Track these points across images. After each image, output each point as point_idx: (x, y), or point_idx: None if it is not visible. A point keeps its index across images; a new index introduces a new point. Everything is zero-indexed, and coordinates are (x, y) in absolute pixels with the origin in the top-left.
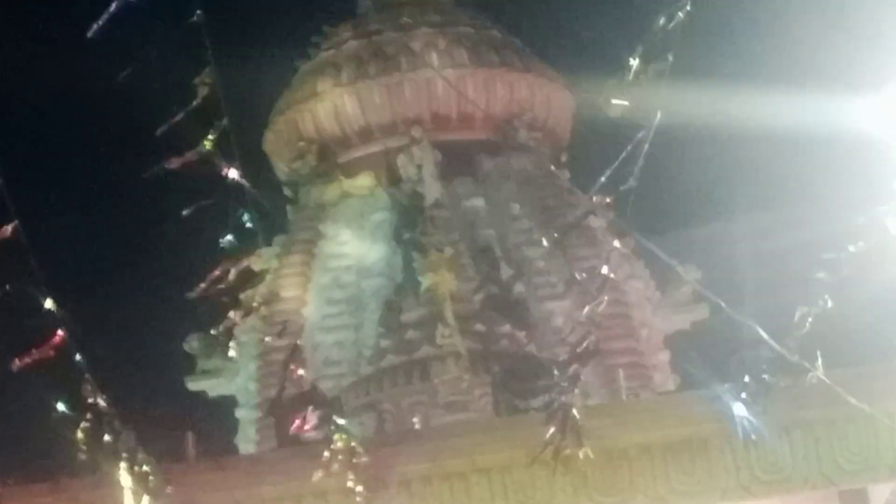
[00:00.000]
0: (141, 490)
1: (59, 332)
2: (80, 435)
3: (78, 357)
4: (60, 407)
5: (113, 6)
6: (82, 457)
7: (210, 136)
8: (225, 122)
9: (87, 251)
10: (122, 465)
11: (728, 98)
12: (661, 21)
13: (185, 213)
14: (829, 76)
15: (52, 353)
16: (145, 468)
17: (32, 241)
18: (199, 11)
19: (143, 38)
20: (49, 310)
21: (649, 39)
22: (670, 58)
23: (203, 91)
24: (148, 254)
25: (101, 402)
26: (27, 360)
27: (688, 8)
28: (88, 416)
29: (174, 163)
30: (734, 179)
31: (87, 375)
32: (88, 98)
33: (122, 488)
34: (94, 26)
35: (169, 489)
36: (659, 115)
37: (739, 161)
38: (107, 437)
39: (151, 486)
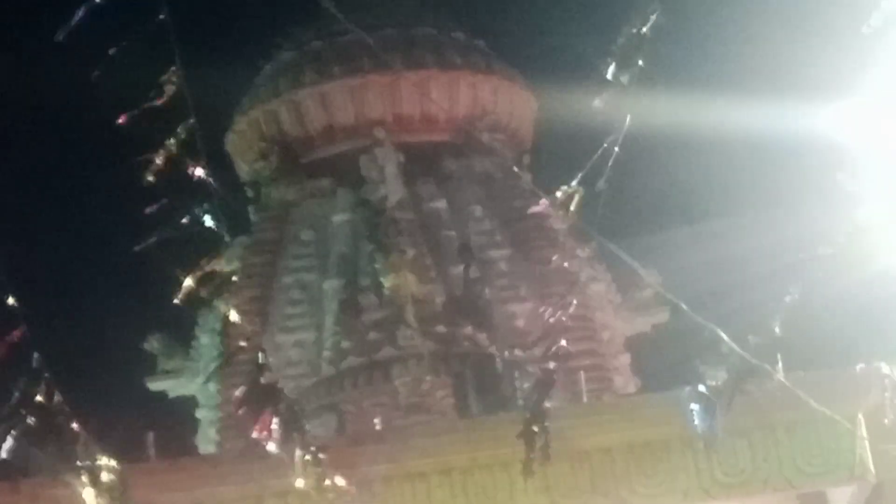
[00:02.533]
0: (100, 490)
1: (17, 331)
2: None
3: (36, 355)
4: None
5: (82, 10)
6: (40, 457)
7: (176, 137)
8: (192, 121)
9: (47, 248)
10: (81, 465)
11: (692, 103)
12: (631, 28)
13: (148, 210)
14: (792, 82)
15: (6, 350)
16: (104, 468)
17: None
18: (164, 11)
19: (109, 37)
20: (8, 306)
21: (618, 45)
22: (640, 63)
23: (169, 90)
24: (109, 252)
25: (59, 401)
26: None
27: (653, 18)
28: (46, 415)
29: (144, 165)
30: (697, 184)
31: (45, 374)
32: (50, 95)
33: (81, 488)
34: (63, 29)
35: (128, 489)
36: (629, 121)
37: (702, 166)
38: (65, 437)
39: (111, 487)
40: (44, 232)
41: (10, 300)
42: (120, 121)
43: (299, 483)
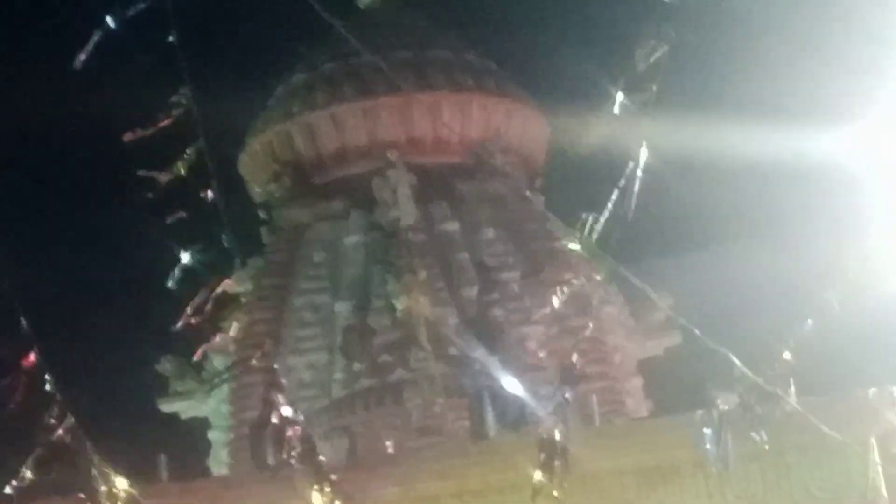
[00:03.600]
0: None
1: (30, 353)
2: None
3: (48, 377)
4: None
5: (95, 37)
6: (53, 479)
7: (185, 158)
8: (201, 142)
9: (59, 272)
10: (95, 487)
11: (706, 129)
12: (643, 54)
13: (170, 219)
14: (805, 108)
15: (23, 375)
16: (117, 490)
17: (4, 262)
18: (173, 34)
19: (120, 59)
20: (21, 330)
21: (630, 71)
22: (654, 88)
23: (180, 112)
24: (121, 276)
25: (72, 423)
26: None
27: (666, 47)
28: (59, 437)
29: (153, 184)
30: (710, 208)
31: (58, 396)
32: (64, 119)
33: None
34: (79, 57)
35: None
36: (645, 151)
37: (715, 191)
38: (79, 459)
39: None
40: (56, 255)
41: (23, 323)
42: (126, 138)
43: None
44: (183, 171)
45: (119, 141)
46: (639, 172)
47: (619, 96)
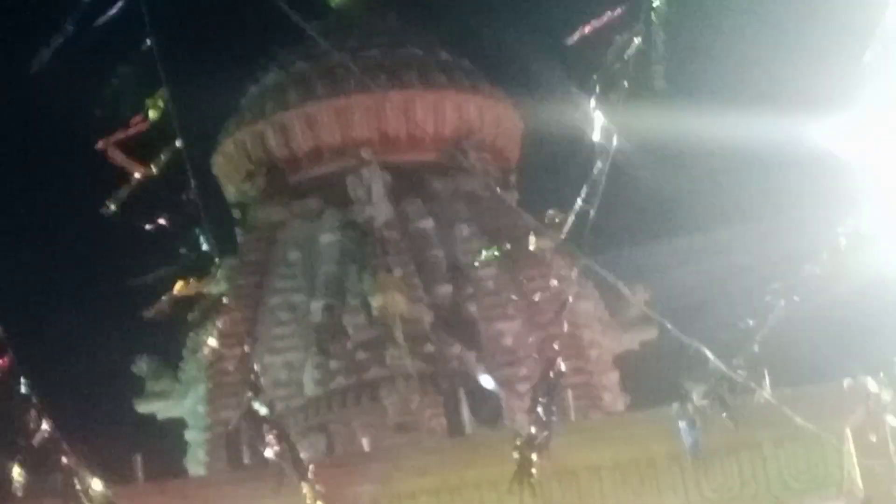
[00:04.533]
0: None
1: (5, 357)
2: (20, 463)
3: (24, 380)
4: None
5: (59, 39)
6: (29, 481)
7: (162, 159)
8: (178, 143)
9: (33, 274)
10: (70, 488)
11: (682, 117)
12: (615, 49)
13: (149, 227)
14: (784, 95)
15: None
16: (93, 491)
17: None
18: (148, 37)
19: (96, 61)
20: None
21: (603, 65)
22: (626, 84)
23: (156, 113)
24: (96, 276)
25: (48, 425)
26: None
27: (636, 41)
28: (35, 439)
29: (129, 186)
30: (688, 197)
31: (33, 399)
32: (39, 118)
33: None
34: (42, 58)
35: None
36: (616, 141)
37: (692, 180)
38: (54, 461)
39: None
40: (29, 256)
41: None
42: (99, 145)
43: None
44: (156, 171)
45: (94, 142)
46: (599, 165)
47: (596, 89)
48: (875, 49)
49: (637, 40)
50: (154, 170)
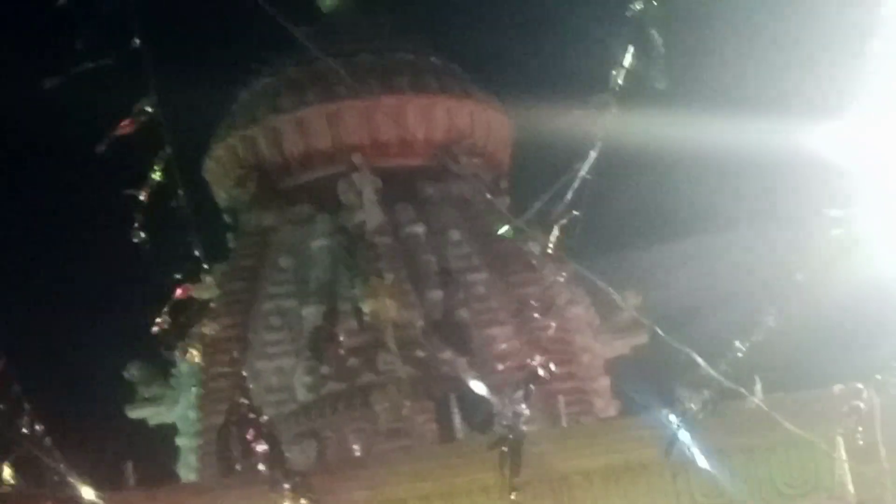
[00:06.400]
0: None
1: None
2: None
3: (14, 386)
4: None
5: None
6: (19, 486)
7: (154, 167)
8: (168, 149)
9: (25, 278)
10: (61, 495)
11: (674, 121)
12: (616, 46)
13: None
14: (779, 100)
15: None
16: (87, 497)
17: None
18: (138, 39)
19: (84, 64)
20: None
21: (599, 66)
22: (615, 90)
23: (145, 118)
24: (87, 282)
25: (39, 431)
26: None
27: (630, 54)
28: (25, 444)
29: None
30: (681, 202)
31: (24, 403)
32: (30, 121)
33: None
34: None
35: None
36: (599, 147)
37: (684, 185)
38: (45, 467)
39: None
40: (21, 260)
41: None
42: (99, 148)
43: None
44: (154, 178)
45: (84, 147)
46: (584, 173)
47: (590, 93)
48: (872, 52)
49: (631, 49)
50: (155, 179)
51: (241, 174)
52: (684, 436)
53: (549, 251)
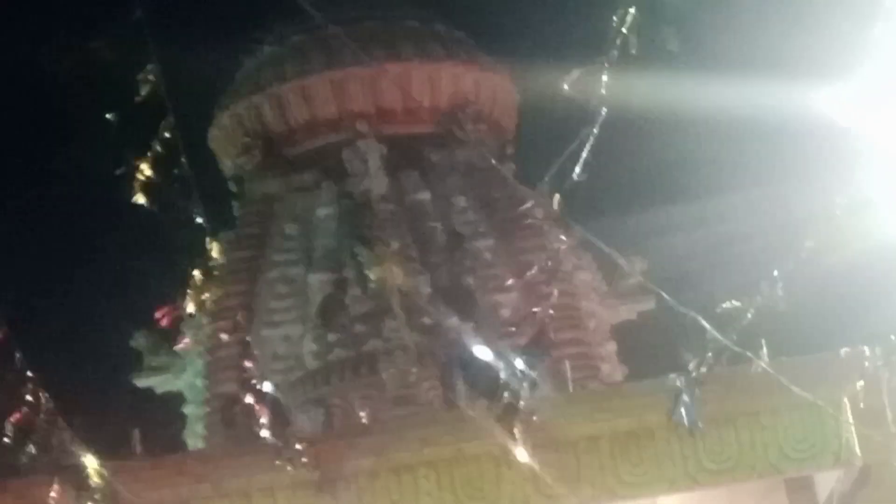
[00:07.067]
0: (87, 488)
1: (1, 331)
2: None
3: (19, 355)
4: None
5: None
6: (28, 456)
7: (157, 136)
8: (170, 118)
9: (30, 247)
10: (68, 463)
11: (680, 84)
12: (615, 17)
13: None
14: (784, 62)
15: None
16: (91, 466)
17: None
18: (139, 8)
19: (85, 35)
20: None
21: (604, 32)
22: (623, 52)
23: (146, 88)
24: (94, 248)
25: (45, 400)
26: None
27: (632, 16)
28: (32, 414)
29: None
30: (687, 164)
31: (29, 373)
32: (33, 94)
33: (68, 486)
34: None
35: (115, 487)
36: (604, 112)
37: (690, 148)
38: (52, 436)
39: (97, 484)
40: (26, 230)
41: None
42: (109, 116)
43: (286, 478)
44: (160, 151)
45: (86, 115)
46: (592, 132)
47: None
48: (882, 12)
49: (633, 11)
50: (158, 149)
51: (245, 142)
52: (691, 400)
53: (556, 216)
